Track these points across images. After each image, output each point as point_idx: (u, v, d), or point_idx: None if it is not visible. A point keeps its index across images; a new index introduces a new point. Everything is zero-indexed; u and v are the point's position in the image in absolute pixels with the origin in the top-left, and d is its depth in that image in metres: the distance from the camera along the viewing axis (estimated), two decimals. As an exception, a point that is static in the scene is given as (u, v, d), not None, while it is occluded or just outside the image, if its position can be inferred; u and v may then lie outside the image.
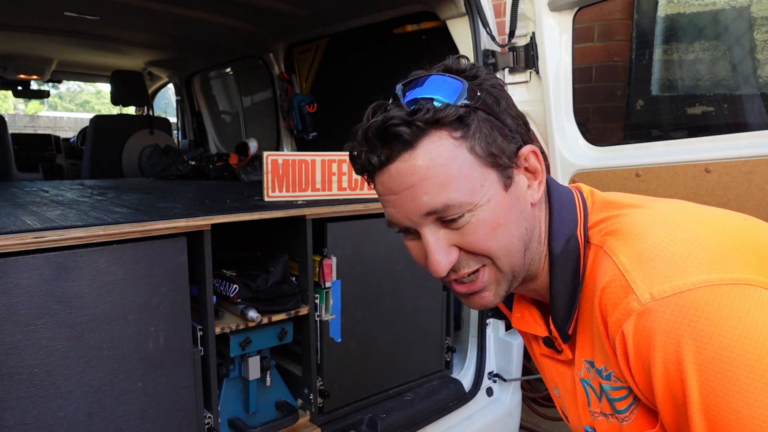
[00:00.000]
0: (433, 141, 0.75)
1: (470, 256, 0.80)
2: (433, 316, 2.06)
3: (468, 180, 0.76)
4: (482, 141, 0.76)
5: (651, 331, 0.68)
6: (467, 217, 0.76)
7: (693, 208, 0.83)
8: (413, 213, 0.77)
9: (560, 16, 2.02)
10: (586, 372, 0.85)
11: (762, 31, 2.34)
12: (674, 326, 0.67)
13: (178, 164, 3.35)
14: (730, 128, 2.55)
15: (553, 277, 0.84)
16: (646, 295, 0.69)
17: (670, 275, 0.69)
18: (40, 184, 2.82)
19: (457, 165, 0.75)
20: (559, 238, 0.84)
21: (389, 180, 0.78)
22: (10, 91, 4.94)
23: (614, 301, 0.73)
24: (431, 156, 0.75)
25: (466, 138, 0.76)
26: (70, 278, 1.19)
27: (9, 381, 1.13)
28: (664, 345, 0.67)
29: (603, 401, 0.83)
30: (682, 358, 0.66)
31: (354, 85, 3.17)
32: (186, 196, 2.13)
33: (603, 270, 0.77)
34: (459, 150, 0.75)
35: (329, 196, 1.94)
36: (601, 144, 2.05)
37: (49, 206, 1.71)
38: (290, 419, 1.67)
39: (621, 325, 0.72)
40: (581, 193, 0.90)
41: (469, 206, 0.76)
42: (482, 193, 0.76)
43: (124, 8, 2.81)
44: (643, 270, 0.72)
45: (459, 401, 2.04)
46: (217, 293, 1.60)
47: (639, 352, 0.70)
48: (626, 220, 0.80)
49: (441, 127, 0.75)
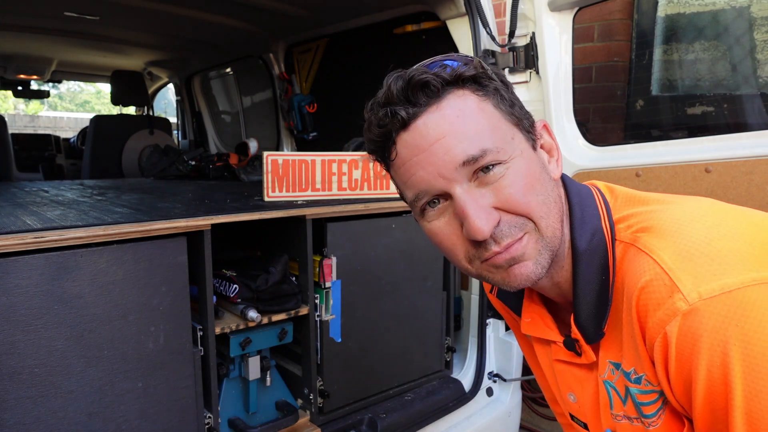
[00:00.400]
0: (458, 96, 0.74)
1: (513, 220, 0.73)
2: (433, 316, 2.06)
3: (499, 130, 0.74)
4: (504, 101, 0.76)
5: (697, 332, 0.65)
6: (501, 169, 0.72)
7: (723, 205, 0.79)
8: (447, 166, 0.72)
9: (560, 16, 2.02)
10: (610, 374, 0.82)
11: (762, 31, 2.34)
12: (722, 327, 0.64)
13: (178, 164, 3.35)
14: (730, 128, 2.55)
15: (578, 274, 0.79)
16: (694, 294, 0.66)
17: (718, 273, 0.66)
18: (40, 184, 2.82)
19: (487, 116, 0.74)
20: (583, 232, 0.79)
21: (417, 136, 0.73)
22: (10, 91, 4.94)
23: (656, 301, 0.69)
24: (460, 107, 0.73)
25: (488, 96, 0.75)
26: (70, 278, 1.19)
27: (9, 381, 1.13)
28: (711, 347, 0.64)
29: (628, 404, 0.81)
30: (728, 361, 0.63)
31: (354, 85, 3.17)
32: (186, 196, 2.13)
33: (639, 268, 0.73)
34: (485, 104, 0.74)
35: (329, 196, 1.94)
36: (601, 144, 2.05)
37: (49, 206, 1.71)
38: (290, 419, 1.67)
39: (664, 326, 0.68)
40: (598, 189, 0.87)
41: (504, 154, 0.72)
42: (514, 145, 0.74)
43: (124, 8, 2.81)
44: (688, 268, 0.68)
45: (459, 401, 2.04)
46: (217, 293, 1.60)
47: (681, 355, 0.67)
48: (659, 216, 0.76)
49: (463, 86, 0.74)
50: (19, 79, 4.60)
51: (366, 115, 0.79)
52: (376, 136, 0.77)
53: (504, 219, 0.73)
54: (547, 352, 0.93)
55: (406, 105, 0.73)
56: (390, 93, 0.74)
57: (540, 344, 0.95)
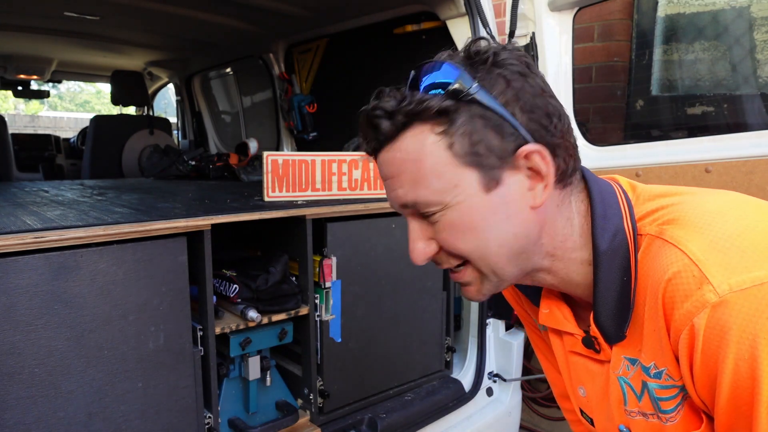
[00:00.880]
0: (414, 134, 0.74)
1: (449, 253, 0.79)
2: (433, 316, 2.06)
3: (440, 179, 0.74)
4: (466, 138, 0.73)
5: (727, 324, 0.65)
6: (437, 216, 0.76)
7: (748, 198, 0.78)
8: (394, 202, 0.80)
9: (560, 16, 2.02)
10: (626, 369, 0.81)
11: (762, 31, 2.34)
12: (752, 320, 0.63)
13: (178, 164, 3.35)
14: (730, 128, 2.55)
15: (599, 275, 0.78)
16: (725, 286, 0.65)
17: (749, 266, 0.65)
18: (40, 184, 2.82)
19: (431, 162, 0.73)
20: (604, 232, 0.78)
21: (379, 166, 0.80)
22: (10, 91, 4.94)
23: (684, 293, 0.68)
24: (408, 150, 0.75)
25: (447, 134, 0.73)
26: (70, 278, 1.19)
27: (9, 381, 1.13)
28: (739, 340, 0.64)
29: (644, 400, 0.80)
30: (757, 355, 0.63)
31: (354, 85, 3.17)
32: (186, 196, 2.13)
33: (666, 260, 0.71)
34: (436, 146, 0.73)
35: (329, 196, 1.94)
36: (601, 144, 2.05)
37: (49, 206, 1.71)
38: (290, 419, 1.67)
39: (692, 317, 0.67)
40: (620, 185, 0.85)
41: (439, 205, 0.75)
42: (454, 194, 0.74)
43: (124, 8, 2.81)
44: (718, 260, 0.67)
45: (459, 401, 2.04)
46: (217, 293, 1.60)
47: (708, 347, 0.66)
48: (685, 209, 0.75)
49: (424, 121, 0.73)
50: (19, 79, 4.60)
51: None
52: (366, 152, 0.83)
53: (443, 251, 0.79)
54: (563, 343, 0.93)
55: (371, 139, 0.78)
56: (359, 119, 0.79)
57: (556, 335, 0.94)
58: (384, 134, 0.75)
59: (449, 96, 0.72)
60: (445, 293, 2.10)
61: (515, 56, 0.76)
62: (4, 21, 3.14)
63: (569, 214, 0.81)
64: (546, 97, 0.76)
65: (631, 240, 0.77)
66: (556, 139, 0.76)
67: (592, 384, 0.90)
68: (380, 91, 0.78)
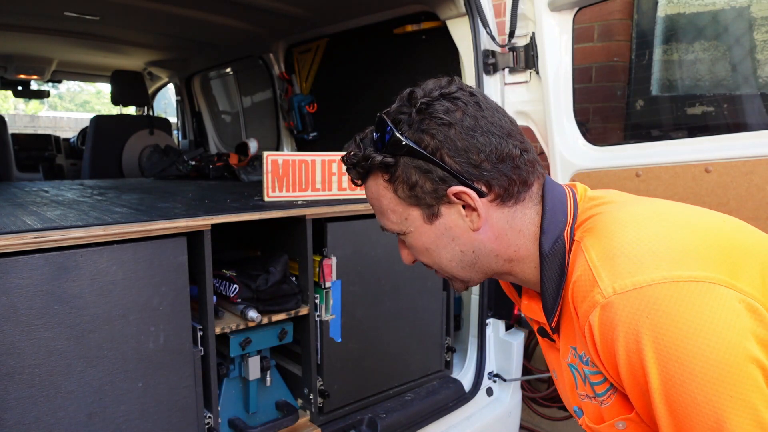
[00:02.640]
0: (374, 179, 0.94)
1: None
2: (433, 316, 2.06)
3: (395, 213, 0.93)
4: (405, 185, 0.89)
5: (613, 322, 0.74)
6: (404, 238, 0.97)
7: (669, 208, 0.89)
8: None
9: (560, 16, 2.02)
10: (572, 357, 0.91)
11: (762, 31, 2.34)
12: (634, 318, 0.73)
13: (178, 164, 3.35)
14: (730, 128, 2.55)
15: (543, 274, 0.91)
16: (609, 289, 0.75)
17: (632, 271, 0.75)
18: (40, 184, 2.82)
19: (387, 201, 0.93)
20: (548, 239, 0.90)
21: None
22: (10, 91, 4.94)
23: (582, 294, 0.80)
24: (372, 191, 0.95)
25: (392, 182, 0.91)
26: (70, 278, 1.19)
27: (9, 381, 1.13)
28: (626, 335, 0.73)
29: (587, 385, 0.89)
30: (641, 348, 0.72)
31: (354, 85, 3.17)
32: (186, 196, 2.13)
33: (576, 264, 0.84)
34: (387, 190, 0.92)
35: (329, 196, 1.94)
36: (601, 144, 2.05)
37: (49, 206, 1.71)
38: (290, 419, 1.67)
39: (588, 315, 0.78)
40: (574, 193, 0.96)
41: (400, 231, 0.95)
42: (407, 225, 0.94)
43: (124, 8, 2.81)
44: (608, 266, 0.78)
45: (459, 401, 2.04)
46: (217, 293, 1.60)
47: (604, 342, 0.76)
48: (601, 219, 0.87)
49: (376, 172, 0.92)
50: (19, 79, 4.59)
51: None
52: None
53: None
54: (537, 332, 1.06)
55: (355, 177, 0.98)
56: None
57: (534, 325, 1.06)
58: (356, 178, 0.97)
59: (387, 151, 0.89)
60: (445, 293, 2.10)
61: (447, 101, 0.87)
62: (4, 21, 3.13)
63: (521, 227, 0.92)
64: (477, 135, 0.86)
65: (569, 245, 0.89)
66: (487, 173, 0.87)
67: (559, 369, 1.02)
68: (356, 136, 0.96)
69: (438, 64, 2.48)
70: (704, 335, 0.68)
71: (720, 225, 0.84)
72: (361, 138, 0.95)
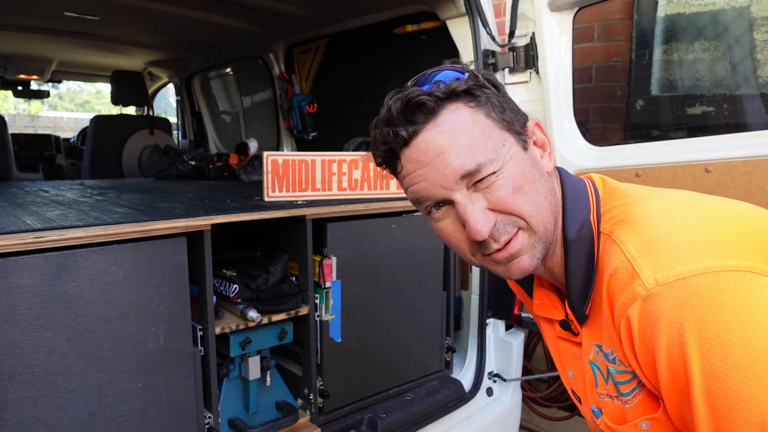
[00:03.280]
0: (452, 110, 0.81)
1: (506, 219, 0.81)
2: (433, 316, 2.06)
3: (491, 140, 0.81)
4: (495, 108, 0.82)
5: (655, 315, 0.71)
6: (493, 177, 0.80)
7: (698, 198, 0.85)
8: (447, 179, 0.80)
9: (560, 16, 2.02)
10: (595, 355, 0.88)
11: (762, 31, 2.34)
12: (677, 310, 0.69)
13: (178, 164, 3.35)
14: (730, 128, 2.55)
15: (569, 262, 0.86)
16: (651, 281, 0.72)
17: (674, 262, 0.72)
18: (40, 184, 2.82)
19: (479, 127, 0.80)
20: (573, 223, 0.86)
21: (418, 152, 0.81)
22: (10, 91, 4.94)
23: (621, 287, 0.76)
24: (454, 122, 0.80)
25: (479, 106, 0.81)
26: (70, 278, 1.19)
27: (9, 381, 1.13)
28: (668, 329, 0.70)
29: (609, 383, 0.86)
30: (684, 341, 0.69)
31: (354, 85, 3.17)
32: (186, 196, 2.13)
33: (611, 257, 0.80)
34: (477, 115, 0.81)
35: (329, 196, 1.94)
36: (601, 144, 2.05)
37: (49, 206, 1.71)
38: (290, 419, 1.67)
39: (627, 309, 0.74)
40: (593, 182, 0.93)
41: (497, 164, 0.80)
42: (505, 151, 0.81)
43: (124, 8, 2.81)
44: (648, 257, 0.74)
45: (459, 401, 2.04)
46: (217, 293, 1.60)
47: (644, 336, 0.73)
48: (632, 210, 0.83)
49: (456, 99, 0.81)
50: (19, 79, 4.60)
51: (371, 133, 0.87)
52: (383, 152, 0.86)
53: (499, 219, 0.82)
54: (554, 330, 1.00)
55: (406, 124, 0.81)
56: (390, 114, 0.82)
57: (547, 324, 1.02)
58: (427, 109, 0.80)
59: (470, 80, 0.82)
60: (445, 293, 2.10)
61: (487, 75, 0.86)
62: (4, 21, 3.13)
63: (558, 195, 0.89)
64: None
65: (596, 231, 0.86)
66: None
67: (577, 366, 0.98)
68: (392, 93, 0.84)
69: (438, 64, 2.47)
70: (750, 327, 0.66)
71: (747, 212, 0.81)
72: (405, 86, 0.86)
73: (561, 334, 0.98)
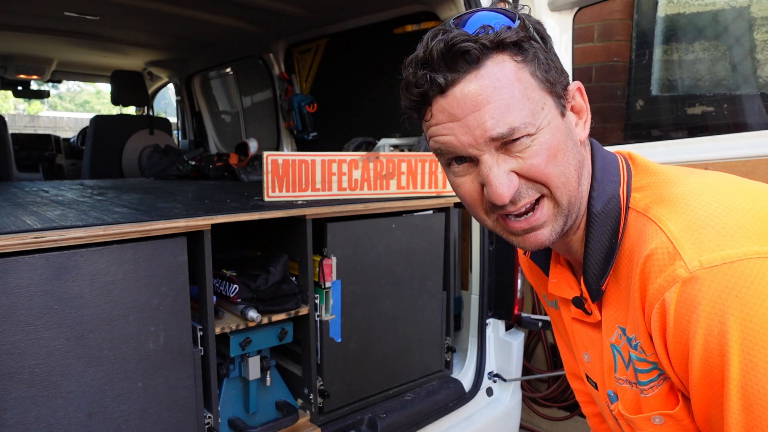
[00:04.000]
0: (497, 63, 0.74)
1: (530, 184, 0.77)
2: (433, 316, 2.06)
3: (531, 102, 0.74)
4: (541, 66, 0.76)
5: (696, 300, 0.66)
6: (528, 141, 0.74)
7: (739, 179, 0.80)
8: (478, 139, 0.75)
9: (560, 16, 2.02)
10: (618, 338, 0.83)
11: (762, 31, 2.34)
12: (721, 296, 0.64)
13: (178, 164, 3.35)
14: (730, 128, 2.55)
15: (590, 235, 0.82)
16: (695, 262, 0.67)
17: (721, 244, 0.66)
18: (40, 184, 2.82)
19: (522, 86, 0.74)
20: (600, 196, 0.82)
21: (453, 104, 0.75)
22: (10, 91, 4.94)
23: (659, 268, 0.70)
24: (497, 77, 0.73)
25: (526, 62, 0.75)
26: (70, 278, 1.19)
27: (9, 381, 1.13)
28: (708, 316, 0.65)
29: (630, 369, 0.82)
30: (726, 330, 0.64)
31: (354, 85, 3.17)
32: (186, 196, 2.13)
33: (647, 237, 0.74)
34: (522, 72, 0.74)
35: (329, 196, 1.94)
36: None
37: (49, 206, 1.71)
38: (290, 419, 1.67)
39: (663, 292, 0.69)
40: (625, 159, 0.88)
41: (533, 128, 0.74)
42: (543, 116, 0.75)
43: (124, 8, 2.81)
44: (693, 238, 0.69)
45: (459, 401, 2.04)
46: (217, 293, 1.60)
47: (679, 323, 0.68)
48: (671, 189, 0.78)
49: (503, 50, 0.74)
50: (19, 79, 4.60)
51: (403, 72, 0.79)
52: (414, 95, 0.78)
53: (522, 183, 0.77)
54: (569, 312, 0.96)
55: (445, 71, 0.74)
56: (430, 55, 0.74)
57: (564, 305, 0.98)
58: (471, 58, 0.73)
59: (520, 30, 0.75)
60: (445, 293, 2.10)
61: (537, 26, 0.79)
62: (4, 21, 3.14)
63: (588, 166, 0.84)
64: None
65: (624, 207, 0.81)
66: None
67: (594, 349, 0.93)
68: (435, 31, 0.76)
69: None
70: None
71: None
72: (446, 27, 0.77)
73: (575, 315, 0.93)
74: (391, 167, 1.99)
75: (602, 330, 0.87)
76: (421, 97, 0.77)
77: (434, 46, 0.74)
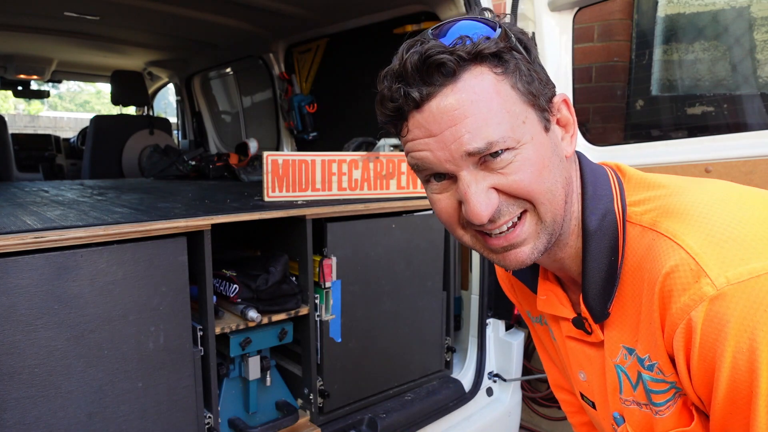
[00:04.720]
0: (475, 75, 0.70)
1: (511, 201, 0.73)
2: (433, 316, 2.06)
3: (511, 115, 0.71)
4: (522, 78, 0.72)
5: (724, 317, 0.64)
6: (509, 156, 0.71)
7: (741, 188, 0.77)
8: (455, 155, 0.71)
9: (560, 16, 2.02)
10: (623, 358, 0.80)
11: (762, 31, 2.34)
12: (750, 312, 0.62)
13: (178, 164, 3.35)
14: (730, 128, 2.55)
15: (588, 253, 0.79)
16: (722, 279, 0.64)
17: (746, 258, 0.64)
18: (40, 184, 2.82)
19: (501, 99, 0.70)
20: (594, 212, 0.78)
21: (429, 119, 0.71)
22: (10, 91, 4.94)
23: (682, 286, 0.67)
24: (475, 90, 0.70)
25: (506, 74, 0.71)
26: (70, 278, 1.19)
27: (9, 381, 1.13)
28: (737, 333, 0.63)
29: (639, 390, 0.80)
30: (756, 347, 0.62)
31: (354, 85, 3.17)
32: (186, 196, 2.13)
33: (662, 254, 0.71)
34: (501, 85, 0.71)
35: (329, 196, 1.94)
36: (601, 144, 2.05)
37: (49, 206, 1.71)
38: (290, 419, 1.67)
39: (689, 311, 0.66)
40: (613, 170, 0.85)
41: (513, 142, 0.71)
42: (525, 130, 0.72)
43: (124, 8, 2.81)
44: (715, 253, 0.66)
45: (459, 401, 2.04)
46: (217, 293, 1.60)
47: (706, 341, 0.65)
48: (678, 200, 0.74)
49: (482, 62, 0.71)
50: (19, 79, 4.60)
51: (378, 86, 0.77)
52: (389, 110, 0.75)
53: (503, 200, 0.73)
54: (560, 329, 0.93)
55: (420, 85, 0.71)
56: (404, 68, 0.71)
57: (554, 322, 0.95)
58: (447, 71, 0.69)
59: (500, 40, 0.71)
60: (445, 293, 2.10)
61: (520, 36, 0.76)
62: (4, 21, 3.14)
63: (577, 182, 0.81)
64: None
65: (621, 221, 0.77)
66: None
67: (591, 368, 0.90)
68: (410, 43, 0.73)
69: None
70: None
71: None
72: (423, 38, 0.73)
73: (572, 333, 0.89)
74: (391, 167, 1.99)
75: (605, 350, 0.84)
76: (397, 112, 0.74)
77: (408, 58, 0.71)
